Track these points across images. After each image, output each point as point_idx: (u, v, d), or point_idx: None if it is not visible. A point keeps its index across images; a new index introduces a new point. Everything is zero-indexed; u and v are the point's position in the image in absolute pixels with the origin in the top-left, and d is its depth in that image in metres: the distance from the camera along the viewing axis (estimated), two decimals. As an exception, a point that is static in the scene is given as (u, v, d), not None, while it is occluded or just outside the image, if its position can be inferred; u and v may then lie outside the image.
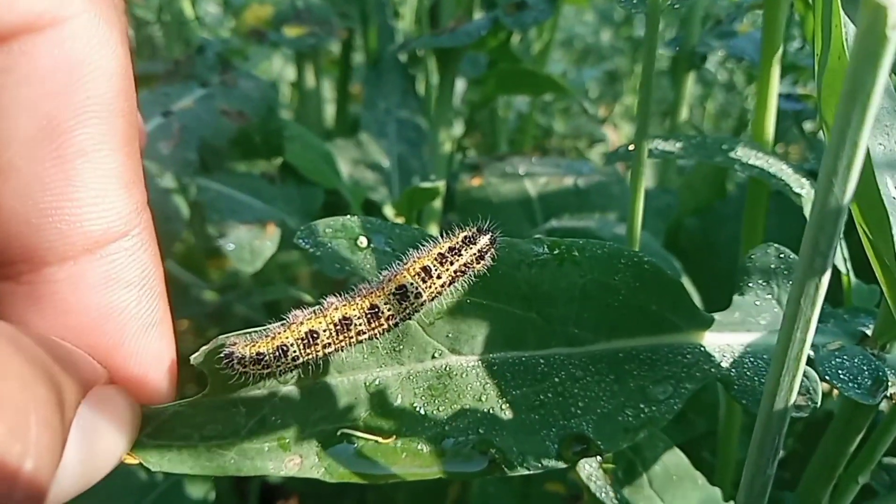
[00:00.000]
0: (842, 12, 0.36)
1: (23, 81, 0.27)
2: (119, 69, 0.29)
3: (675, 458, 0.48)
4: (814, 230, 0.27)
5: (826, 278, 0.28)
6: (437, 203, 0.84)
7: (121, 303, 0.31)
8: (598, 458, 0.45)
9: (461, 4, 0.90)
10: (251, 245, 0.71)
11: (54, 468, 0.26)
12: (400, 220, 0.82)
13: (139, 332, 0.32)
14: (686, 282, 0.78)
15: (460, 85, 1.27)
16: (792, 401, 0.31)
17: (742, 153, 0.55)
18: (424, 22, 1.01)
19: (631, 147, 0.58)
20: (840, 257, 0.56)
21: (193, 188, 0.68)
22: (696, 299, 0.78)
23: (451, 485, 0.85)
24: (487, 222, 0.38)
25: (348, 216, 0.39)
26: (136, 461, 0.32)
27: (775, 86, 0.57)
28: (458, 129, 1.31)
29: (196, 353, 0.33)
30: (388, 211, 0.85)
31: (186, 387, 0.36)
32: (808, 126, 1.15)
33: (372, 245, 0.38)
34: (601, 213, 0.88)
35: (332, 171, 0.82)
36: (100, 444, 0.29)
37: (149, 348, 0.32)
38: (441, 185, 0.72)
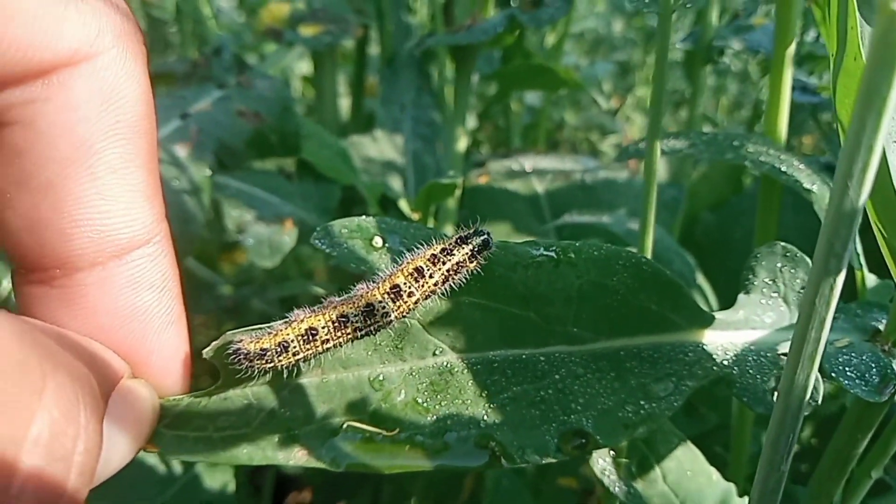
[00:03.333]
0: (857, 14, 0.36)
1: (60, 109, 0.31)
2: (142, 95, 0.32)
3: (689, 454, 0.49)
4: (829, 232, 0.27)
5: (841, 279, 0.28)
6: (453, 200, 0.85)
7: (144, 303, 0.34)
8: (612, 452, 0.46)
9: (476, 1, 0.90)
10: (270, 241, 0.72)
11: (100, 451, 0.28)
12: (416, 216, 0.82)
13: (160, 329, 0.35)
14: (700, 276, 0.78)
15: (473, 79, 1.27)
16: (807, 399, 0.32)
17: (753, 150, 0.55)
18: (439, 18, 1.01)
19: (642, 144, 0.59)
20: (854, 252, 0.56)
21: (209, 188, 0.69)
22: (710, 294, 0.78)
23: (466, 477, 0.86)
24: (483, 223, 0.39)
25: (364, 216, 0.40)
26: (156, 450, 0.34)
27: (788, 83, 0.57)
28: (471, 122, 1.31)
29: (207, 348, 0.35)
30: (405, 207, 0.85)
31: (201, 379, 0.37)
32: (824, 117, 1.15)
33: (387, 245, 0.40)
34: (609, 209, 0.89)
35: (348, 167, 0.83)
36: (125, 433, 0.31)
37: (168, 344, 0.35)
38: (458, 180, 0.73)
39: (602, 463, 0.45)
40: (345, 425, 0.35)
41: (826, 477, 0.49)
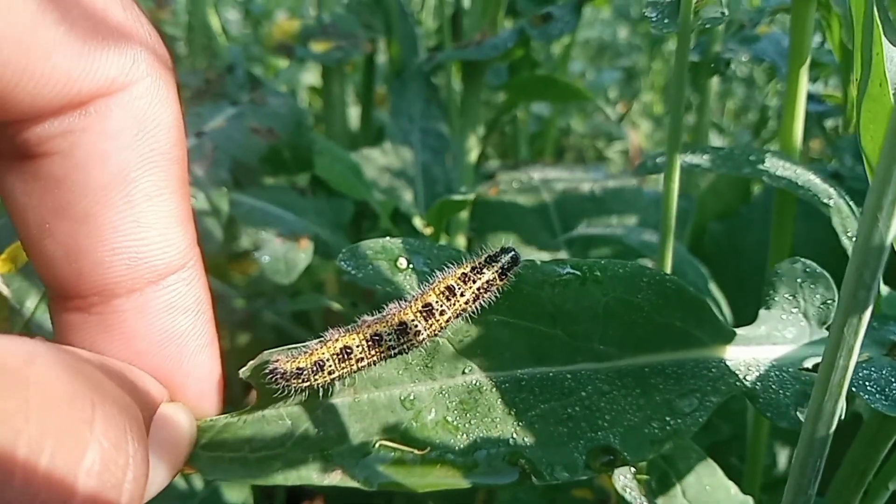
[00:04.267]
0: (883, 39, 0.36)
1: (97, 138, 0.31)
2: (175, 122, 0.33)
3: (708, 469, 0.49)
4: (858, 263, 0.28)
5: (869, 310, 0.29)
6: (465, 213, 0.86)
7: (180, 327, 0.34)
8: (632, 469, 0.47)
9: (486, 14, 0.91)
10: (286, 258, 0.73)
11: (147, 478, 0.29)
12: (429, 231, 0.83)
13: (195, 352, 0.35)
14: (713, 287, 0.79)
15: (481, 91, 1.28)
16: (833, 426, 0.32)
17: (770, 164, 0.55)
18: (446, 30, 1.02)
19: (659, 159, 0.59)
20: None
21: (226, 207, 0.70)
22: (723, 304, 0.79)
23: (479, 488, 0.86)
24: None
25: (388, 238, 0.41)
26: (193, 472, 0.35)
27: (802, 98, 0.57)
28: (479, 131, 1.31)
29: (244, 368, 0.36)
30: (417, 221, 0.86)
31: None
32: (829, 123, 1.15)
33: (411, 265, 0.40)
34: (618, 219, 0.89)
35: (360, 182, 0.84)
36: (165, 458, 0.32)
37: (203, 367, 0.36)
38: (470, 197, 0.74)
39: (623, 479, 0.45)
40: (377, 444, 0.36)
41: (843, 488, 0.49)
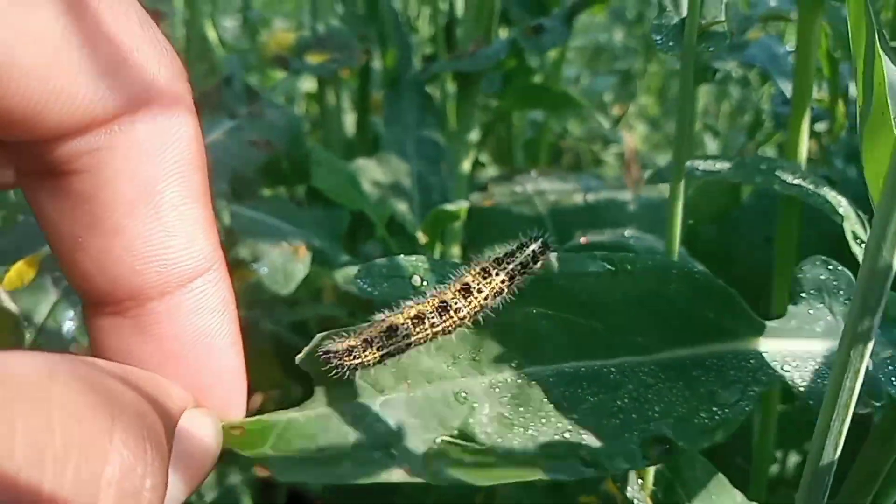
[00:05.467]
0: (885, 65, 0.37)
1: (124, 155, 0.32)
2: (195, 132, 0.34)
3: (715, 480, 0.49)
4: (863, 289, 0.29)
5: (874, 332, 0.30)
6: (459, 223, 0.87)
7: (208, 327, 0.35)
8: (640, 480, 0.48)
9: (481, 25, 0.92)
10: (284, 269, 0.74)
11: (165, 486, 0.29)
12: (424, 239, 0.84)
13: (223, 350, 0.36)
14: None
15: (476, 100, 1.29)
16: (840, 445, 0.33)
17: (781, 173, 0.56)
18: (440, 38, 1.03)
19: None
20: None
21: (226, 218, 0.71)
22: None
23: (478, 494, 0.87)
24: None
25: (402, 256, 0.42)
26: (267, 473, 0.35)
27: (807, 114, 0.58)
28: (473, 136, 1.33)
29: (300, 355, 0.37)
30: (413, 231, 0.87)
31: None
32: (818, 127, 1.16)
33: (426, 283, 0.41)
34: (613, 227, 0.90)
35: (357, 193, 0.85)
36: (184, 469, 0.32)
37: (230, 364, 0.37)
38: (464, 207, 0.75)
39: (631, 491, 0.46)
40: (437, 440, 0.37)
41: (856, 489, 0.49)
